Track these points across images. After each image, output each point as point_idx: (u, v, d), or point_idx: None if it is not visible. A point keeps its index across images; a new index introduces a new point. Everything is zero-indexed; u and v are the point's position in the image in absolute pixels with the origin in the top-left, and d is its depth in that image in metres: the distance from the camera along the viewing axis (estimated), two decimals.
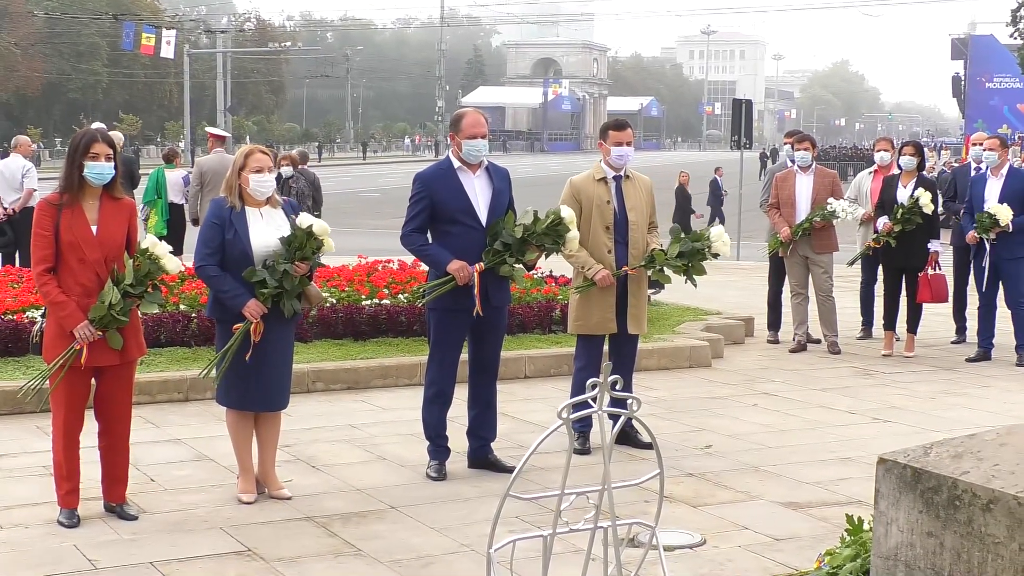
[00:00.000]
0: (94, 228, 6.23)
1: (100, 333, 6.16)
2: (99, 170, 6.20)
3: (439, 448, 7.48)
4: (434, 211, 7.23)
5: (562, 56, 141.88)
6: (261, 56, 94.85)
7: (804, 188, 11.97)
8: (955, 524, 2.43)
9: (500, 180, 7.44)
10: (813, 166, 12.19)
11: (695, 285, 8.26)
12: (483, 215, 7.23)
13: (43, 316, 6.71)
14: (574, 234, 7.50)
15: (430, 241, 7.37)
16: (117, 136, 17.28)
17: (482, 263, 7.11)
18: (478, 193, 7.27)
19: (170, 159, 18.54)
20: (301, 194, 15.66)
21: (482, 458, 7.62)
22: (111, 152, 6.26)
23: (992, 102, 68.68)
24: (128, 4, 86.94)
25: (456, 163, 7.32)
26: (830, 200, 11.74)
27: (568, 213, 7.42)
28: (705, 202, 29.89)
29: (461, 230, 7.20)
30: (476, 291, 7.07)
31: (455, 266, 7.05)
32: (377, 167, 73.77)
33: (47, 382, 6.32)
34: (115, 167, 6.31)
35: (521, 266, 7.43)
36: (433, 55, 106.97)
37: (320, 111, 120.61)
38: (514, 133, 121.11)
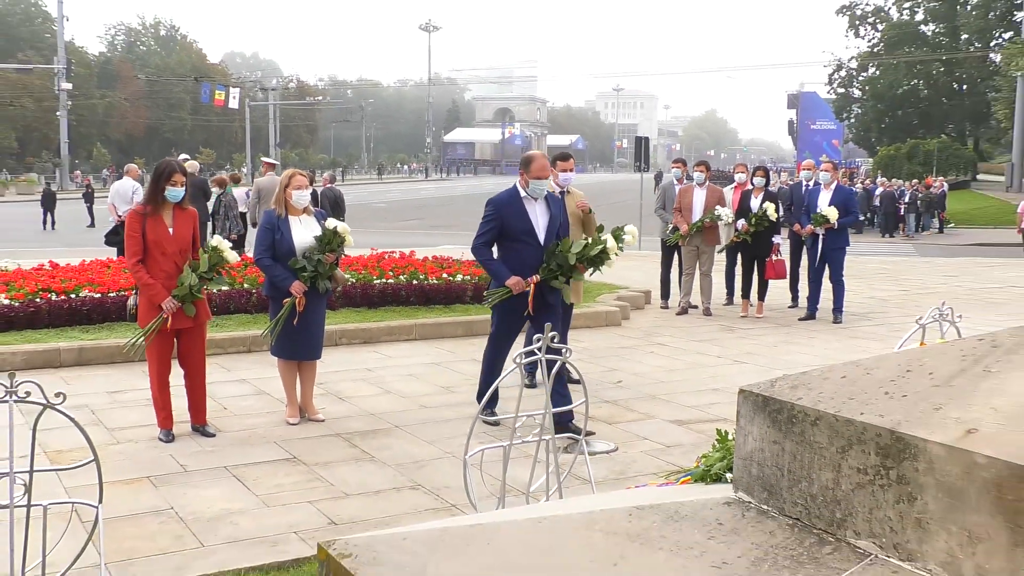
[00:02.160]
0: (170, 230, 6.30)
1: (180, 305, 6.25)
2: (175, 192, 6.31)
3: (492, 401, 6.74)
4: (502, 230, 6.72)
5: (515, 106, 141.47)
6: (300, 106, 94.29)
7: (699, 198, 12.06)
8: (792, 435, 2.43)
9: (555, 206, 6.90)
10: (706, 183, 12.26)
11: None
12: (542, 236, 6.73)
13: (135, 294, 6.71)
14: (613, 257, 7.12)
15: (494, 254, 6.88)
16: (194, 164, 17.19)
17: (538, 275, 6.69)
18: (538, 217, 6.75)
19: (236, 181, 18.50)
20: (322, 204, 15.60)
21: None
22: (184, 179, 6.36)
23: (815, 139, 69.17)
24: (205, 69, 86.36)
25: (523, 193, 6.75)
26: (717, 207, 11.86)
27: (612, 244, 6.99)
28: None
29: (523, 247, 6.72)
30: (530, 298, 6.69)
31: (512, 281, 6.59)
32: (385, 185, 73.34)
33: (143, 340, 6.33)
34: (185, 189, 6.39)
35: (568, 285, 7.00)
36: (423, 105, 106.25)
37: (343, 145, 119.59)
38: (481, 161, 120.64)
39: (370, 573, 2.36)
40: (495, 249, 6.91)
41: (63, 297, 9.50)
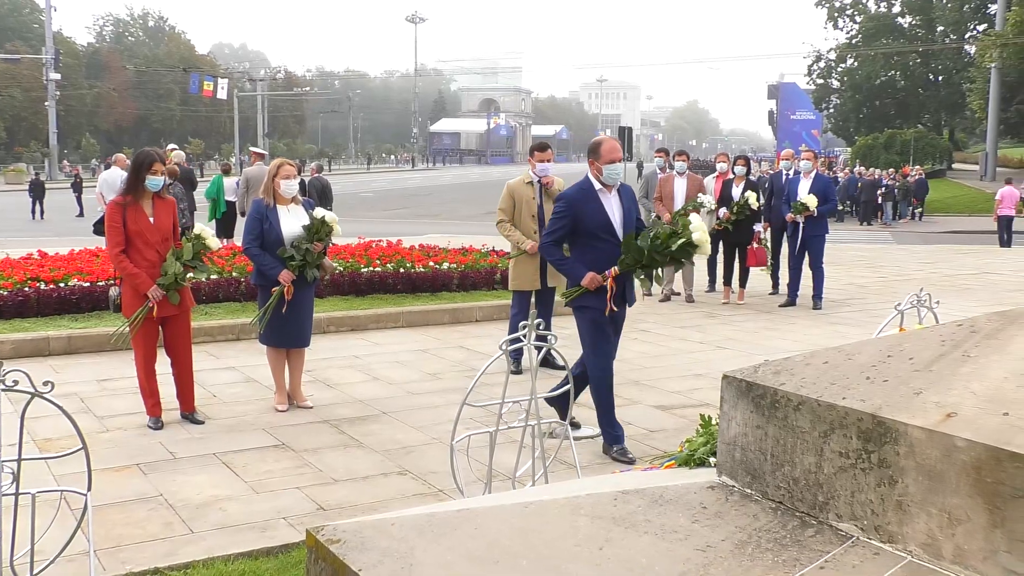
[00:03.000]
0: (151, 219, 6.25)
1: (164, 293, 6.20)
2: (155, 181, 6.26)
3: (617, 435, 5.98)
4: (576, 226, 5.95)
5: (500, 97, 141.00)
6: (288, 97, 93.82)
7: (680, 187, 12.04)
8: (775, 419, 2.43)
9: (628, 199, 6.14)
10: (687, 172, 12.26)
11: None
12: (620, 231, 5.95)
13: (119, 284, 6.65)
14: (705, 248, 6.10)
15: (565, 252, 6.13)
16: (180, 155, 17.08)
17: (616, 268, 5.87)
18: (615, 211, 5.99)
19: (226, 171, 18.39)
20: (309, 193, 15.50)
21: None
22: (163, 168, 6.33)
23: (795, 129, 69.45)
24: (194, 60, 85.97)
25: (597, 185, 5.96)
26: (699, 195, 11.86)
27: (701, 236, 5.99)
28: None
29: (601, 243, 5.96)
30: (609, 295, 5.85)
31: (587, 279, 5.82)
32: (372, 175, 73.18)
33: (129, 329, 6.29)
34: (164, 178, 6.37)
35: (644, 277, 6.24)
36: (410, 96, 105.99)
37: (330, 135, 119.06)
38: (467, 151, 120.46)
39: (358, 558, 2.34)
40: (565, 248, 6.15)
41: (52, 286, 9.43)
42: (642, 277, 6.15)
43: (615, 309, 5.96)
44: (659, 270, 6.59)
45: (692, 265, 12.11)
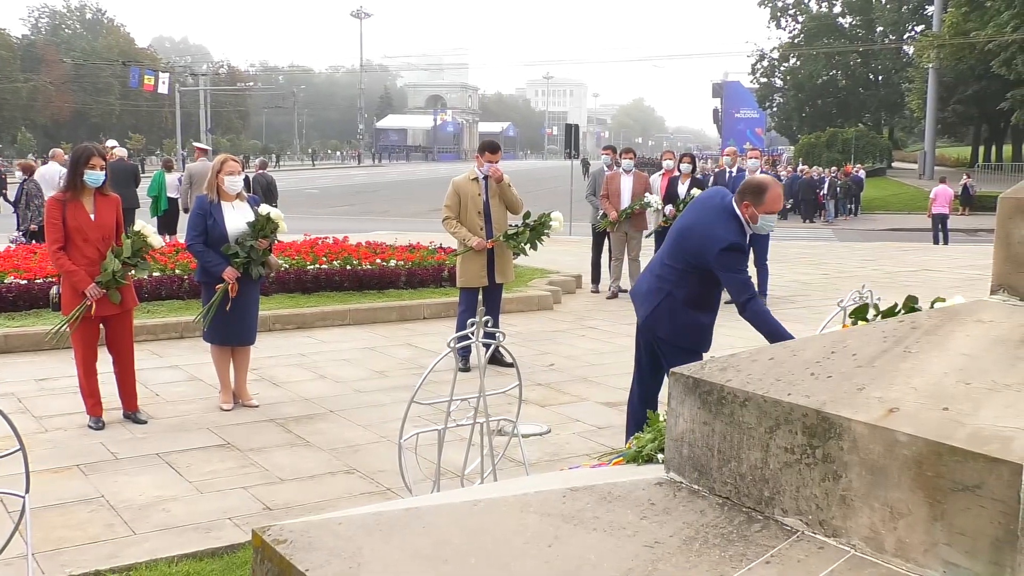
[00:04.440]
0: (92, 216, 6.13)
1: (104, 292, 6.08)
2: (95, 176, 6.12)
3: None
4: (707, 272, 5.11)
5: (446, 93, 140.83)
6: (232, 92, 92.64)
7: (627, 185, 12.10)
8: (722, 416, 2.45)
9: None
10: (633, 170, 12.32)
11: (536, 250, 8.27)
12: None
13: (59, 282, 6.50)
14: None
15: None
16: (121, 151, 16.78)
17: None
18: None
19: (168, 166, 18.08)
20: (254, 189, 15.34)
21: None
22: (104, 163, 6.17)
23: (739, 127, 70.45)
24: (134, 53, 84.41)
25: (748, 228, 5.07)
26: (646, 194, 11.93)
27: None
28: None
29: (718, 290, 5.41)
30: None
31: None
32: (317, 172, 72.56)
33: (67, 328, 6.17)
34: (105, 173, 6.20)
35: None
36: (355, 92, 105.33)
37: (274, 131, 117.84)
38: (414, 147, 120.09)
39: (305, 558, 2.32)
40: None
41: None
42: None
43: None
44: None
45: (636, 263, 12.21)
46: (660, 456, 3.06)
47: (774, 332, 5.00)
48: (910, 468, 2.03)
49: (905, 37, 64.52)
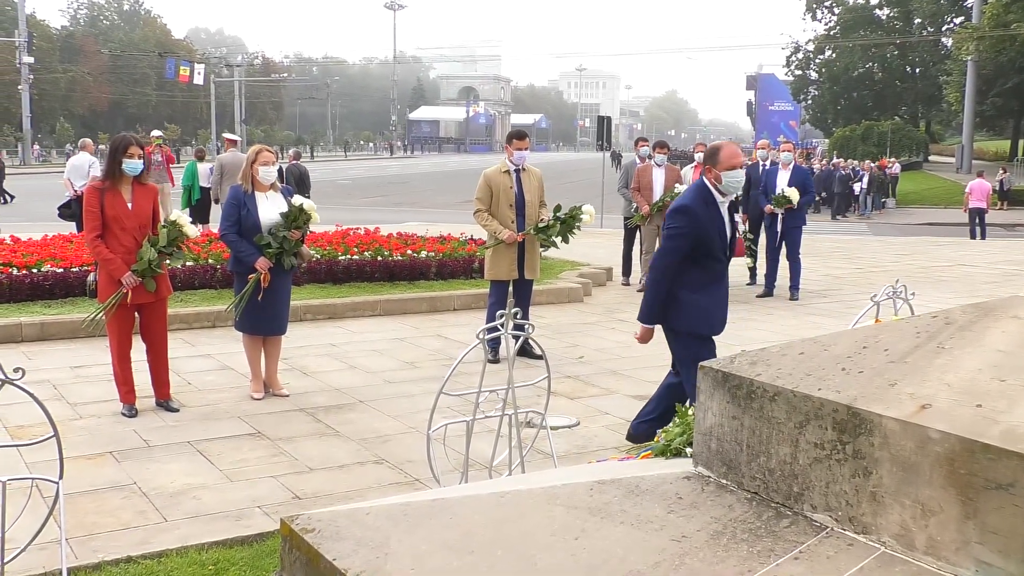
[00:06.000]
0: (129, 205, 6.17)
1: (139, 280, 6.13)
2: (133, 165, 6.15)
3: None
4: (696, 246, 5.13)
5: (479, 85, 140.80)
6: (266, 83, 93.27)
7: (659, 178, 12.03)
8: (751, 410, 2.43)
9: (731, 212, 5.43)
10: (665, 163, 12.26)
11: (567, 243, 8.17)
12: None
13: (95, 270, 6.55)
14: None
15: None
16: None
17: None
18: (726, 226, 5.28)
19: (200, 156, 18.23)
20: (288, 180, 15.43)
21: None
22: (142, 152, 6.22)
23: (773, 120, 69.78)
24: (170, 44, 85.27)
25: (717, 196, 5.19)
26: (676, 185, 11.86)
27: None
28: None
29: (719, 266, 5.36)
30: None
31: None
32: (350, 163, 72.84)
33: (103, 315, 6.23)
34: (144, 162, 6.25)
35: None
36: (388, 84, 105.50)
37: (308, 122, 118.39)
38: (446, 139, 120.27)
39: (333, 547, 2.33)
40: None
41: (24, 272, 9.33)
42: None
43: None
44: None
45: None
46: (688, 450, 3.04)
47: (649, 300, 5.36)
48: (942, 465, 2.00)
49: (944, 29, 63.59)
